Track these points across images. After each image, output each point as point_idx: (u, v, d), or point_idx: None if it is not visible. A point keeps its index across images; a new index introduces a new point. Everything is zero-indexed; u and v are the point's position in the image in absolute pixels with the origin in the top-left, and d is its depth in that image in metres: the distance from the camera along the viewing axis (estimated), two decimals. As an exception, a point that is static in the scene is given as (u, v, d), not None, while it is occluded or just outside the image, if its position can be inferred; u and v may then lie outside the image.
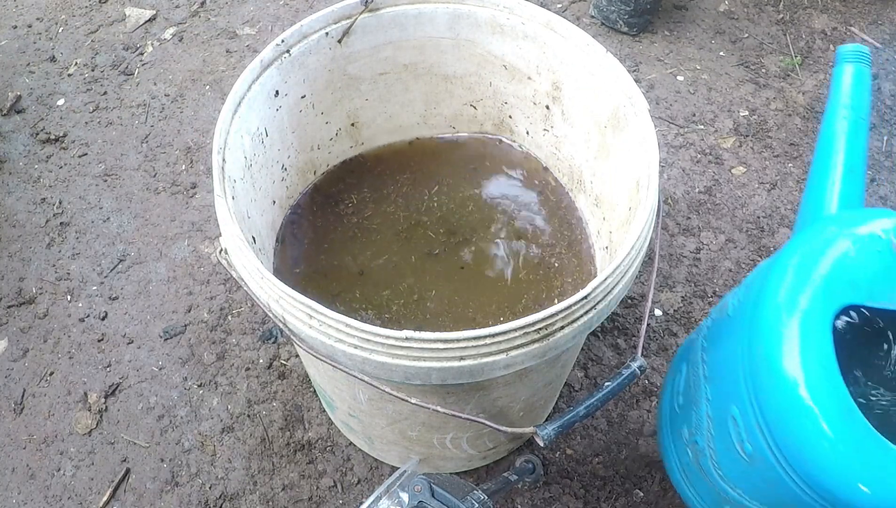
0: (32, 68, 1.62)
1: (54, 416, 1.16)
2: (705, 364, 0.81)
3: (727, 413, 0.74)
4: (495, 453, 1.06)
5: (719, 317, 0.80)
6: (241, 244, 0.70)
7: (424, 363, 0.66)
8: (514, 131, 1.08)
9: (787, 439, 0.66)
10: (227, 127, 0.80)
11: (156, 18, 1.72)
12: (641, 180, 0.81)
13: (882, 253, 0.64)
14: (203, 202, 1.39)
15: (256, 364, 1.20)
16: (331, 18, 0.91)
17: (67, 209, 1.40)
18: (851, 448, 0.61)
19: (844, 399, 0.62)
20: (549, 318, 0.66)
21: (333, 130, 1.05)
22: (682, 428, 0.86)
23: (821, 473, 0.63)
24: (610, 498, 1.08)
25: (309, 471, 1.10)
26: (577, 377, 1.17)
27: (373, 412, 0.89)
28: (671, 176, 1.43)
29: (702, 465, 0.84)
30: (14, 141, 1.50)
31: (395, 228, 1.02)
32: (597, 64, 0.88)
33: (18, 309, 1.27)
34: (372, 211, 1.04)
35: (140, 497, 1.09)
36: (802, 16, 1.72)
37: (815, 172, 0.77)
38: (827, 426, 0.62)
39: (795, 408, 0.64)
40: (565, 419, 0.70)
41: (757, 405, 0.68)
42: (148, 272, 1.31)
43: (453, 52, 1.00)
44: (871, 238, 0.65)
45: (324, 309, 0.66)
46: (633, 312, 1.24)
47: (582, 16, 1.72)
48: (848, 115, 0.74)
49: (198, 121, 1.52)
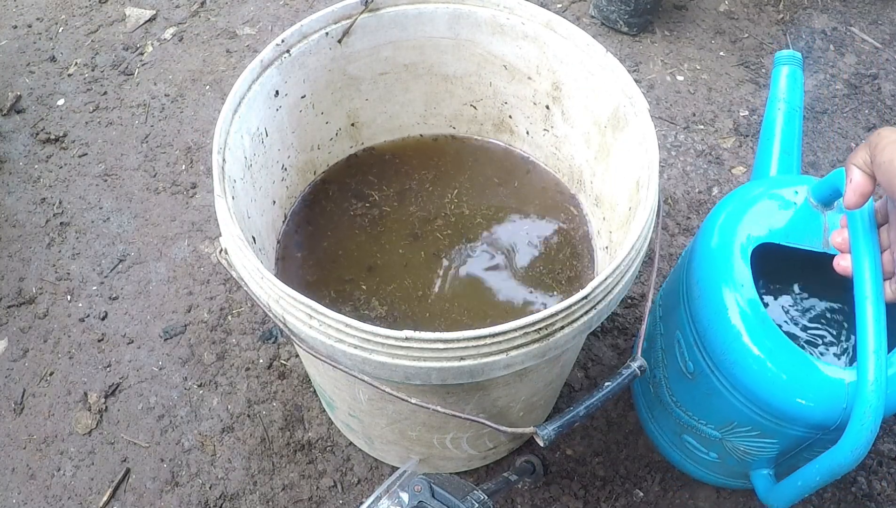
0: (32, 68, 1.62)
1: (54, 416, 1.16)
2: (660, 308, 0.97)
3: (673, 340, 0.89)
4: (495, 453, 1.06)
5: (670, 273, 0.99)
6: (241, 244, 0.70)
7: (424, 363, 0.66)
8: (514, 131, 1.08)
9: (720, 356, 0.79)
10: (227, 127, 0.81)
11: (156, 18, 1.72)
12: (641, 180, 0.81)
13: (798, 206, 0.81)
14: (203, 202, 1.40)
15: (256, 364, 1.20)
16: (331, 18, 0.91)
17: (67, 209, 1.40)
18: (778, 365, 0.74)
19: (765, 320, 0.76)
20: (549, 318, 0.66)
21: (333, 130, 1.05)
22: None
23: (757, 389, 0.76)
24: (610, 498, 1.08)
25: (309, 471, 1.10)
26: (577, 377, 1.17)
27: (373, 412, 0.89)
28: (671, 176, 1.43)
29: (660, 396, 0.98)
30: (14, 141, 1.50)
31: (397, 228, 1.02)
32: (597, 64, 0.88)
33: (18, 309, 1.27)
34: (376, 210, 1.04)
35: (140, 497, 1.09)
36: (802, 16, 1.72)
37: (760, 150, 0.95)
38: (752, 344, 0.76)
39: (724, 328, 0.78)
40: (565, 419, 0.70)
41: (693, 326, 0.83)
42: (148, 272, 1.31)
43: (453, 52, 1.00)
44: (791, 195, 0.82)
45: (324, 309, 0.66)
46: (633, 312, 1.24)
47: (582, 16, 1.72)
48: (784, 106, 0.93)
49: (198, 121, 1.52)
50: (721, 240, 0.81)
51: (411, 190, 1.06)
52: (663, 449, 1.07)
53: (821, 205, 0.80)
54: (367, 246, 1.00)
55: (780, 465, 0.90)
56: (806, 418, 0.75)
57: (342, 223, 1.03)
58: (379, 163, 1.10)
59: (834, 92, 1.57)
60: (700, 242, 0.84)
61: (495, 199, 1.05)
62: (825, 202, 0.80)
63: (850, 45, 1.66)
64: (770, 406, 0.76)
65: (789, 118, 0.92)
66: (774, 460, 0.88)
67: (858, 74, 1.60)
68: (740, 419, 0.83)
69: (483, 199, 1.05)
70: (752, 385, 0.77)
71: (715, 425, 0.89)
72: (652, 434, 1.08)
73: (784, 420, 0.77)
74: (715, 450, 0.93)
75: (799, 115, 0.92)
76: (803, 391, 0.74)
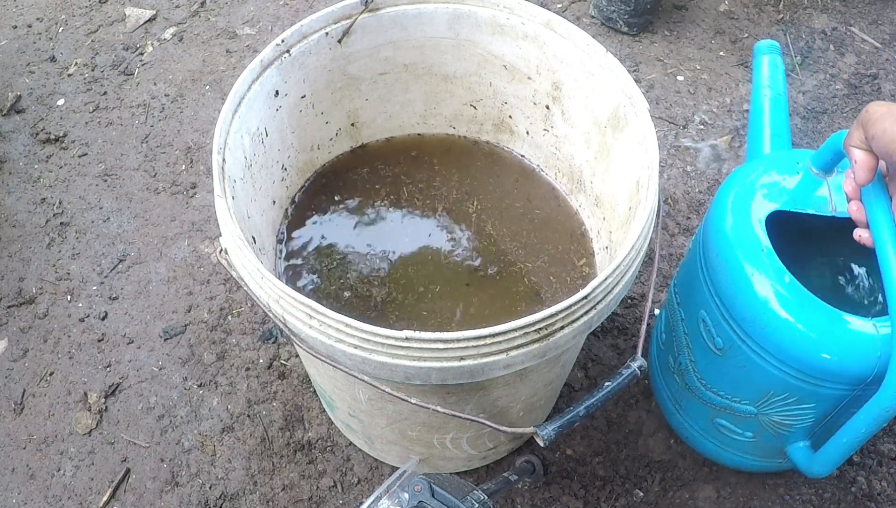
0: (32, 68, 1.62)
1: (54, 416, 1.16)
2: (677, 295, 0.98)
3: (698, 320, 0.91)
4: (495, 453, 1.06)
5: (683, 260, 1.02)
6: (241, 244, 0.70)
7: (424, 363, 0.66)
8: (514, 131, 1.08)
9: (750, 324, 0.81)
10: (227, 127, 0.81)
11: (156, 18, 1.72)
12: (641, 180, 0.81)
13: (801, 176, 0.85)
14: (203, 202, 1.40)
15: (256, 364, 1.20)
16: (331, 18, 0.91)
17: (67, 209, 1.40)
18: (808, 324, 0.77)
19: (791, 283, 0.78)
20: (549, 318, 0.66)
21: (333, 130, 1.05)
22: (667, 359, 1.03)
23: (792, 349, 0.78)
24: (610, 498, 1.08)
25: (309, 471, 1.10)
26: (577, 377, 1.17)
27: (373, 412, 0.89)
28: (671, 176, 1.43)
29: (688, 383, 0.98)
30: (14, 141, 1.50)
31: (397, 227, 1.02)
32: (597, 64, 0.88)
33: (18, 309, 1.27)
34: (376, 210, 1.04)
35: (140, 497, 1.09)
36: (802, 16, 1.72)
37: (752, 131, 0.98)
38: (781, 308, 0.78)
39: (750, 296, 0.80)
40: (565, 419, 0.70)
41: (718, 300, 0.85)
42: (148, 272, 1.31)
43: (453, 52, 1.00)
44: (792, 166, 0.87)
45: (324, 309, 0.66)
46: (633, 312, 1.24)
47: (582, 16, 1.72)
48: (768, 93, 0.97)
49: (198, 121, 1.52)
50: (735, 216, 0.84)
51: (411, 190, 1.06)
52: (693, 440, 1.06)
53: (822, 172, 0.84)
54: (368, 246, 1.00)
55: (816, 435, 0.91)
56: (842, 372, 0.77)
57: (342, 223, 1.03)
58: (379, 163, 1.10)
59: (834, 92, 1.57)
60: (713, 222, 0.87)
61: (495, 198, 1.05)
62: (826, 169, 0.84)
63: (850, 45, 1.66)
64: (806, 365, 0.78)
65: (776, 103, 0.96)
66: (811, 429, 0.90)
67: (858, 73, 1.60)
68: (776, 388, 0.84)
69: (483, 198, 1.05)
70: (787, 347, 0.78)
71: (749, 400, 0.89)
72: (680, 427, 1.08)
73: (820, 379, 0.79)
74: (750, 428, 0.94)
75: (784, 100, 0.96)
76: (837, 347, 0.76)
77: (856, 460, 1.11)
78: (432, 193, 1.06)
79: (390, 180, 1.07)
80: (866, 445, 1.12)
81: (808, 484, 1.09)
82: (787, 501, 1.08)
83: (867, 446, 1.12)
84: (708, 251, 0.87)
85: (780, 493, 1.09)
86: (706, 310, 0.88)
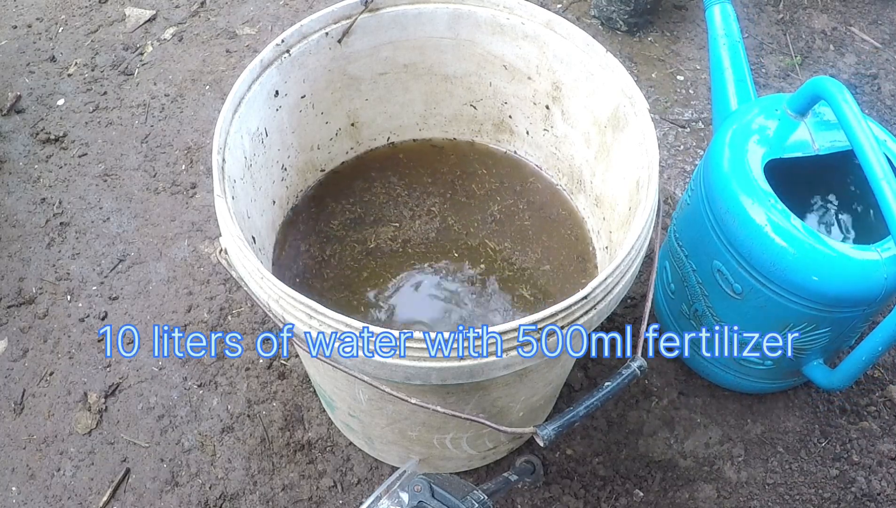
0: (32, 68, 1.62)
1: (54, 416, 1.16)
2: (682, 247, 1.03)
3: (712, 270, 0.96)
4: (495, 453, 1.06)
5: (680, 213, 1.06)
6: (241, 244, 0.70)
7: (424, 362, 0.66)
8: (514, 131, 1.08)
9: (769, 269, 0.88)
10: (227, 127, 0.81)
11: (156, 18, 1.72)
12: (641, 180, 0.81)
13: (779, 120, 0.93)
14: (203, 202, 1.40)
15: (256, 364, 1.20)
16: (331, 18, 0.91)
17: (67, 209, 1.40)
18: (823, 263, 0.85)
19: (804, 228, 0.86)
20: (550, 318, 0.66)
21: (333, 130, 1.05)
22: (680, 306, 1.09)
23: (810, 285, 0.86)
24: (610, 498, 1.08)
25: (309, 471, 1.10)
26: (577, 377, 1.17)
27: (373, 412, 0.89)
28: (671, 176, 1.43)
29: (707, 326, 1.04)
30: (14, 141, 1.50)
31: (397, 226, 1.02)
32: (597, 64, 0.88)
33: (18, 309, 1.27)
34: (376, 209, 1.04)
35: (140, 497, 1.09)
36: (802, 16, 1.72)
37: (715, 84, 1.03)
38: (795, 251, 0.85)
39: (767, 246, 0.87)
40: (565, 419, 0.70)
41: (734, 252, 0.91)
42: (148, 272, 1.31)
43: (453, 52, 1.00)
44: (771, 113, 0.93)
45: (324, 309, 0.66)
46: (632, 312, 1.24)
47: (582, 16, 1.72)
48: (725, 41, 1.01)
49: (198, 121, 1.52)
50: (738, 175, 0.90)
51: (411, 190, 1.06)
52: (714, 376, 1.13)
53: (798, 115, 0.91)
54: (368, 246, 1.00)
55: (828, 352, 1.00)
56: (856, 297, 0.86)
57: (342, 223, 1.03)
58: (379, 163, 1.10)
59: (834, 92, 1.57)
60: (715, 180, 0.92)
61: (495, 198, 1.05)
62: (802, 112, 0.91)
63: (849, 45, 1.66)
64: (824, 296, 0.86)
65: (733, 50, 1.01)
66: (825, 349, 0.98)
67: (858, 73, 1.60)
68: (796, 320, 0.92)
69: (483, 198, 1.05)
70: (808, 285, 0.86)
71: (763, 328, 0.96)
72: (700, 367, 1.13)
73: (837, 306, 0.88)
74: (770, 356, 1.00)
75: (741, 45, 1.02)
76: (849, 276, 0.84)
77: (856, 460, 1.11)
78: (431, 192, 1.06)
79: (390, 181, 1.07)
80: (866, 445, 1.12)
81: (808, 484, 1.09)
82: (787, 501, 1.08)
83: (867, 446, 1.12)
84: (716, 208, 0.92)
85: (780, 493, 1.09)
86: (721, 261, 0.94)
